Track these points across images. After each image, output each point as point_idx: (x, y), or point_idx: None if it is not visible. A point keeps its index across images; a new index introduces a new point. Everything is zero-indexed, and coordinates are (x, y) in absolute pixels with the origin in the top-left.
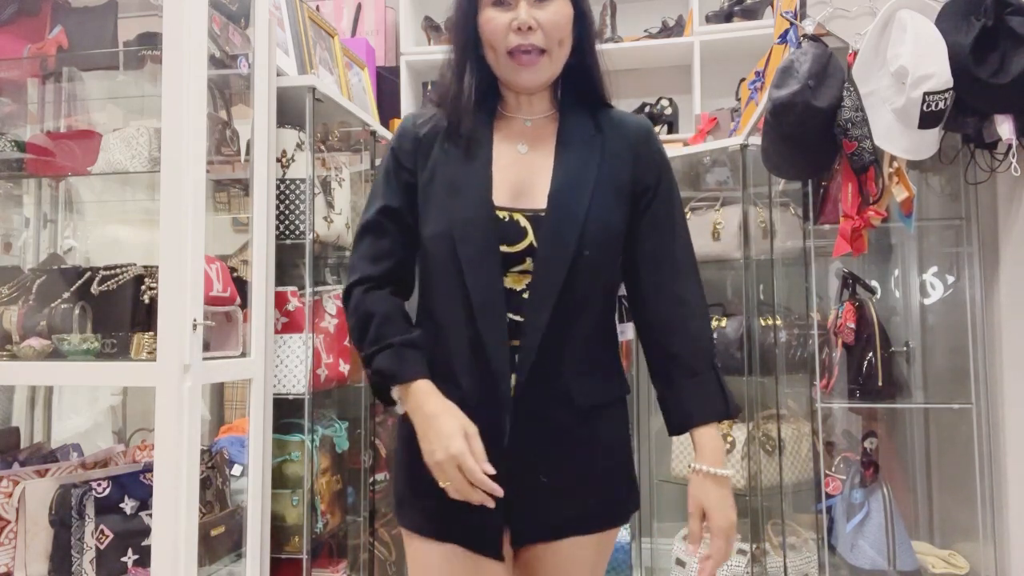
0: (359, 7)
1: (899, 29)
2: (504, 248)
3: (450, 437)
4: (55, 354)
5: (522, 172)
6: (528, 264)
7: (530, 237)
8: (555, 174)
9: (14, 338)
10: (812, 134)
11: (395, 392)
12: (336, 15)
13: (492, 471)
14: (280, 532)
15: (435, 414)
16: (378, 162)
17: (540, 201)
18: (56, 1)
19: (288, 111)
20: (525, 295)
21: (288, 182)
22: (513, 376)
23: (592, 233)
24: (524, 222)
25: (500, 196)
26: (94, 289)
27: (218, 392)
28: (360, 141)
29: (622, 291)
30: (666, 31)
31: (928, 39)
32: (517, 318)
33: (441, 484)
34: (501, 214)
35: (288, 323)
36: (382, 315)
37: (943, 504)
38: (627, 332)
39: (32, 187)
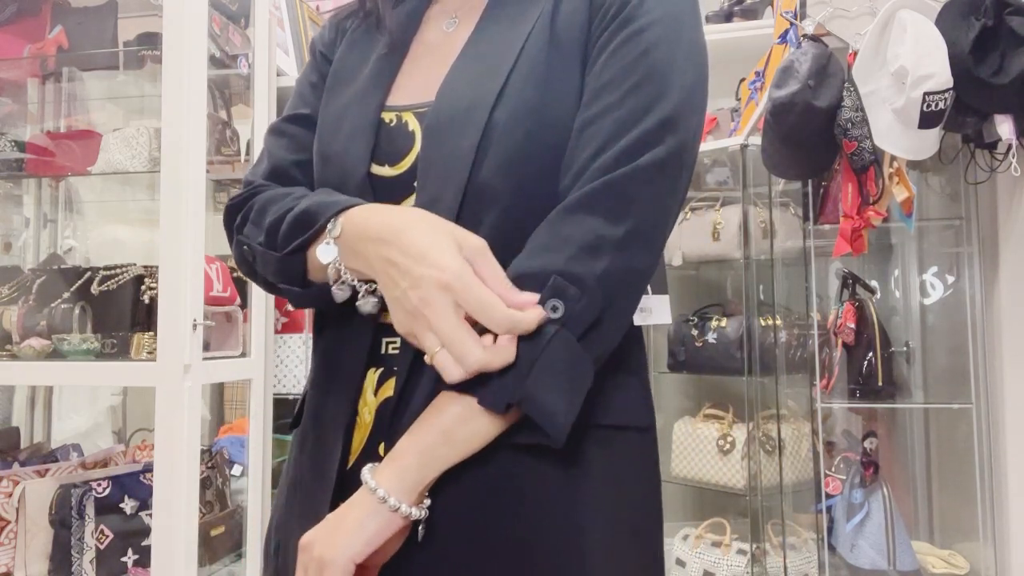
0: None
1: (899, 29)
2: (380, 170)
3: (438, 248)
4: (55, 354)
5: (439, 57)
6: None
7: (417, 147)
8: (464, 48)
9: (14, 338)
10: (812, 134)
11: (331, 230)
12: None
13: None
14: None
15: (404, 226)
16: None
17: (434, 90)
18: (56, 1)
19: None
20: None
21: None
22: (383, 387)
23: (507, 125)
24: (413, 124)
25: (402, 93)
26: (94, 289)
27: (218, 392)
28: None
29: None
30: None
31: (928, 39)
32: None
33: (428, 348)
34: (387, 117)
35: (288, 323)
36: (299, 191)
37: (943, 504)
38: (654, 310)
39: (32, 187)
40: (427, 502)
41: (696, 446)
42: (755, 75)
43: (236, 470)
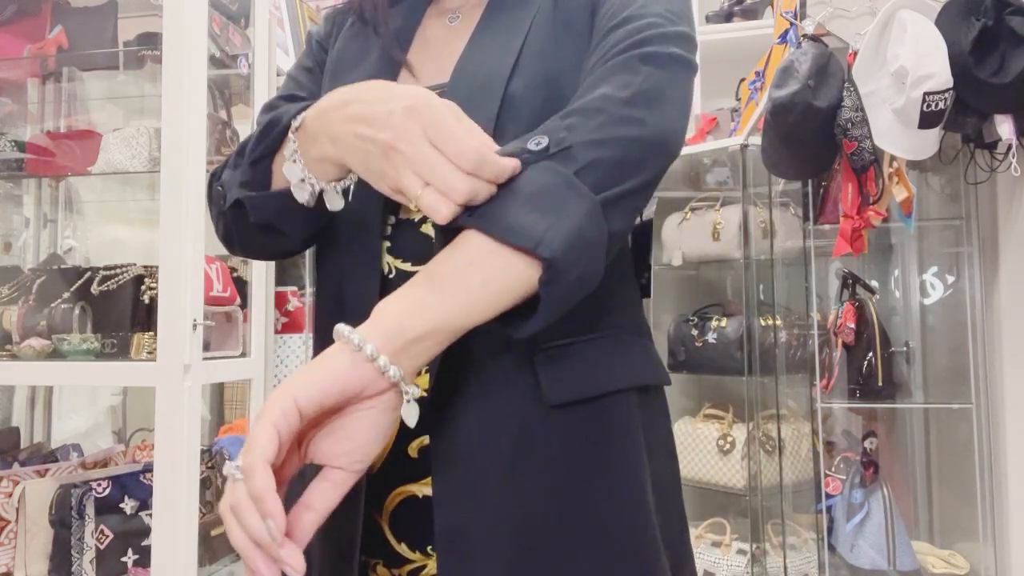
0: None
1: (899, 29)
2: None
3: (401, 88)
4: (55, 354)
5: (445, 46)
6: None
7: None
8: (473, 35)
9: (14, 338)
10: (812, 134)
11: (294, 124)
12: None
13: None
14: None
15: (365, 85)
16: None
17: (446, 74)
18: (56, 1)
19: None
20: (425, 227)
21: None
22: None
23: (524, 93)
24: None
25: (408, 78)
26: (94, 289)
27: (218, 392)
28: None
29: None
30: None
31: (928, 39)
32: (414, 267)
33: (410, 190)
34: None
35: (288, 323)
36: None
37: (943, 504)
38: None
39: (32, 187)
40: (416, 388)
41: (696, 446)
42: (755, 75)
43: None
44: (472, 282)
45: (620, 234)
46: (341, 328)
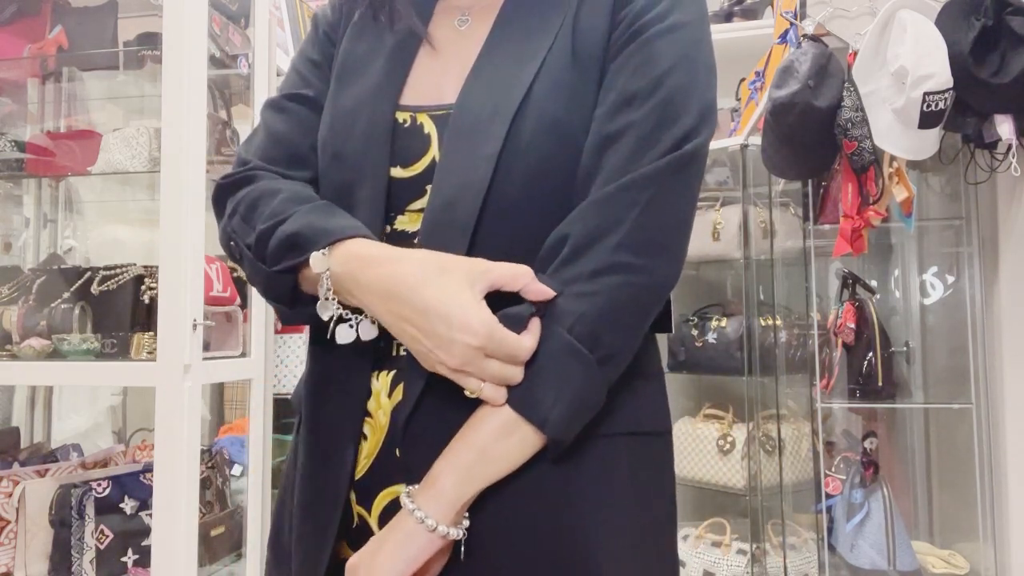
0: None
1: (899, 29)
2: (392, 171)
3: (461, 306)
4: (55, 354)
5: (453, 57)
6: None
7: (432, 150)
8: (482, 51)
9: (14, 338)
10: (812, 134)
11: (319, 260)
12: None
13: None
14: None
15: (415, 282)
16: None
17: (453, 93)
18: (56, 1)
19: None
20: None
21: None
22: (396, 390)
23: (533, 138)
24: (429, 126)
25: (415, 92)
26: (94, 289)
27: (218, 392)
28: None
29: None
30: None
31: (928, 39)
32: None
33: (470, 392)
34: (402, 117)
35: None
36: (291, 192)
37: (943, 504)
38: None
39: (32, 187)
40: (466, 522)
41: (696, 446)
42: (755, 75)
43: (236, 470)
44: (505, 448)
45: (617, 375)
46: (407, 503)
